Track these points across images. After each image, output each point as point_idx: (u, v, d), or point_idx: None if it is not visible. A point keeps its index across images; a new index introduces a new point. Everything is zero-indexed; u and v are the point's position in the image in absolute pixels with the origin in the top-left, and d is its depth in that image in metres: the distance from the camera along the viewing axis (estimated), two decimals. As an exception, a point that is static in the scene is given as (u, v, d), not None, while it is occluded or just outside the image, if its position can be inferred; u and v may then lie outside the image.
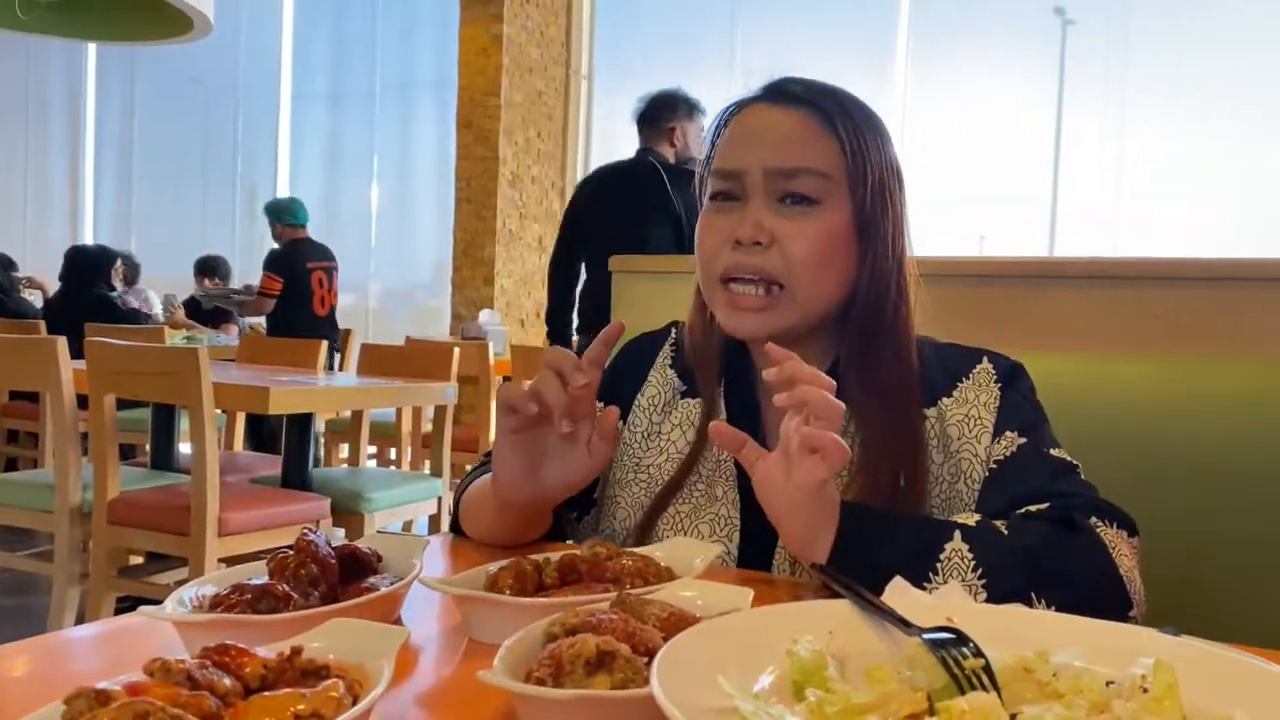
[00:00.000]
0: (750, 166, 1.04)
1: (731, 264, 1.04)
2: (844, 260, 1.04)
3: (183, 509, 2.84)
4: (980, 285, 1.56)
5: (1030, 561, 0.87)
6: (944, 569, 0.86)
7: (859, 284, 1.05)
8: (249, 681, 0.54)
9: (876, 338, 1.05)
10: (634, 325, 1.74)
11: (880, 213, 1.05)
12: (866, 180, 1.04)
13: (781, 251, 1.02)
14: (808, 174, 1.03)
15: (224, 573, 0.78)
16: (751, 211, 1.03)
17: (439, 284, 7.57)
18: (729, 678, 0.53)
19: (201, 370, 2.77)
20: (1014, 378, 1.07)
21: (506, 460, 1.00)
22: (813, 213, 1.03)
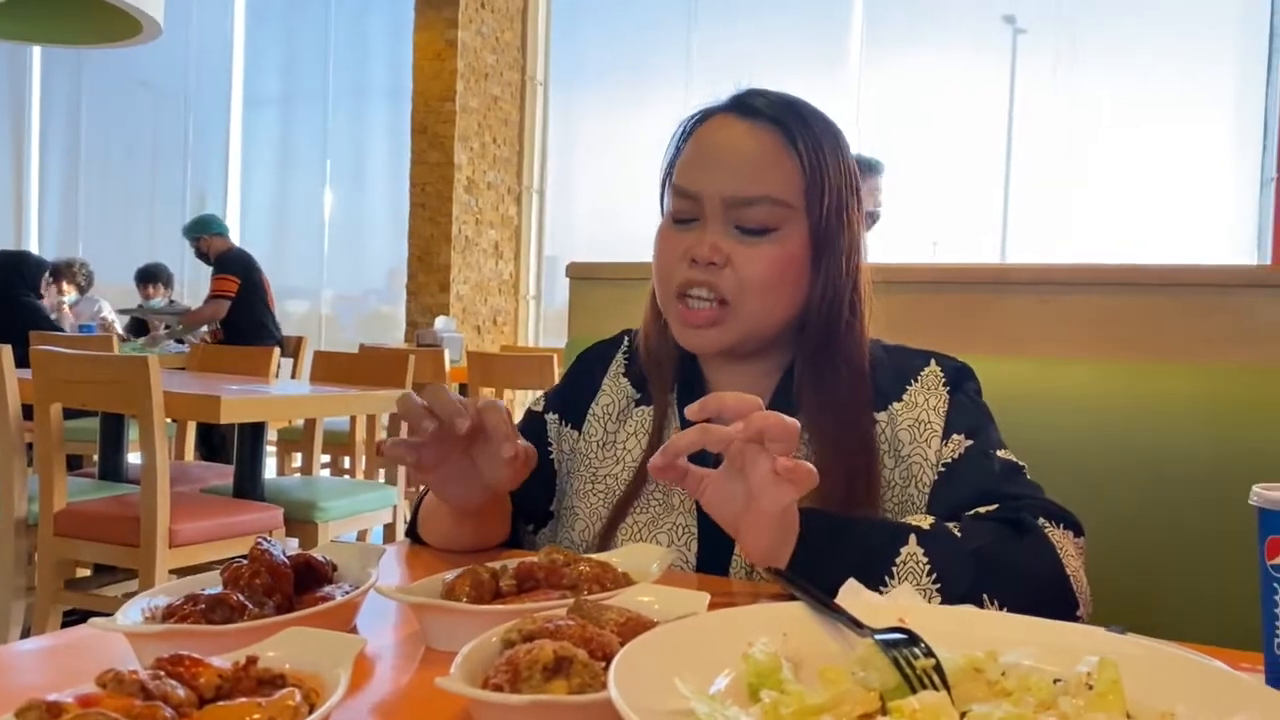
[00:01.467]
0: (708, 192, 1.05)
1: (687, 279, 1.05)
2: (796, 282, 1.06)
3: (132, 520, 2.79)
4: (932, 291, 1.59)
5: (981, 563, 0.89)
6: (900, 572, 0.88)
7: (812, 300, 1.07)
8: (204, 692, 0.54)
9: (829, 350, 1.07)
10: (591, 331, 1.75)
11: (837, 231, 1.06)
12: (824, 201, 1.05)
13: (735, 272, 1.04)
14: (765, 203, 1.04)
15: (177, 583, 0.78)
16: (708, 234, 1.05)
17: (393, 291, 7.52)
18: (685, 681, 0.53)
19: (152, 379, 2.73)
20: (961, 379, 1.09)
21: (440, 489, 0.99)
22: (768, 240, 1.04)
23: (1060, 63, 5.79)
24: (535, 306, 7.06)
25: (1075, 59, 5.73)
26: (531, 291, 7.02)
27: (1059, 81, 5.80)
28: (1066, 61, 5.77)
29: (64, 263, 7.22)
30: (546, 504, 1.17)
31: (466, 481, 0.97)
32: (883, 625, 0.64)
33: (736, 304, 1.04)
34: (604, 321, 1.73)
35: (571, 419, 1.19)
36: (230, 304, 5.70)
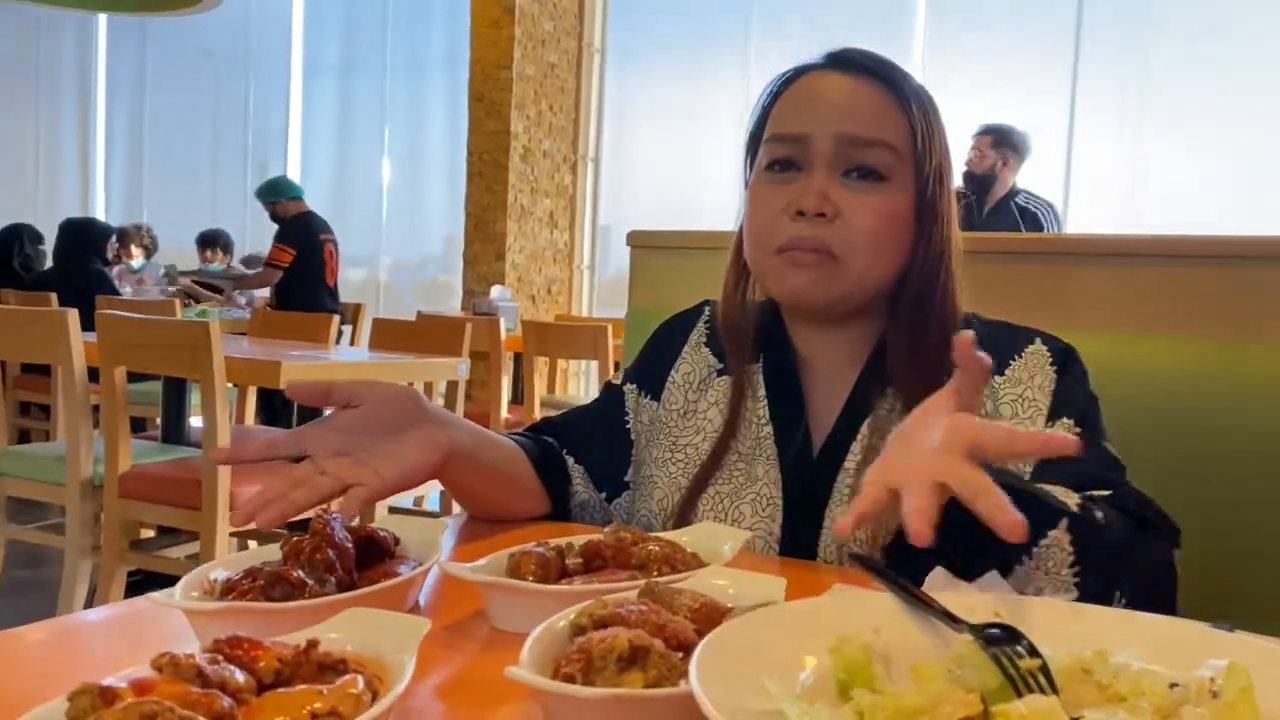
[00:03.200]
0: (818, 132, 0.99)
1: (791, 236, 0.99)
2: (901, 240, 1.01)
3: (194, 483, 2.83)
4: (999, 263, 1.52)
5: (1120, 560, 0.82)
6: (1039, 557, 0.81)
7: (912, 265, 1.02)
8: (263, 677, 0.51)
9: (925, 318, 1.02)
10: (651, 301, 1.71)
11: (939, 193, 1.02)
12: (930, 160, 1.01)
13: (844, 225, 0.98)
14: (880, 147, 0.99)
15: (237, 556, 0.76)
16: (815, 181, 0.99)
17: (450, 259, 7.54)
18: (771, 677, 0.49)
19: (213, 344, 2.74)
20: (1069, 362, 1.03)
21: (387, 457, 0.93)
22: (879, 189, 0.99)
23: (1128, 33, 5.60)
24: (589, 276, 7.03)
25: (1144, 33, 5.54)
26: (586, 261, 6.98)
27: (1125, 53, 5.61)
28: (1135, 32, 5.57)
29: (131, 227, 7.34)
30: (622, 474, 1.15)
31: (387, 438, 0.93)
32: (978, 620, 0.59)
33: (845, 259, 0.99)
34: (665, 291, 1.69)
35: (650, 389, 1.17)
36: (282, 274, 5.74)
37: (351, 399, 0.92)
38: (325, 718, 0.48)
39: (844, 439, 1.03)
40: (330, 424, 0.92)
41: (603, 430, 1.17)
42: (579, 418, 1.20)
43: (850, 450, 1.02)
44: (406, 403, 0.95)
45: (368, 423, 0.92)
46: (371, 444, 0.91)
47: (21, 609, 3.29)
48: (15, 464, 3.15)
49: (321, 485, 0.85)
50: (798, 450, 1.05)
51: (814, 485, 1.03)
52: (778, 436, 1.06)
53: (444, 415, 0.98)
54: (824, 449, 1.04)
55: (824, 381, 1.08)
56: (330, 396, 0.93)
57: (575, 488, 1.13)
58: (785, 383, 1.08)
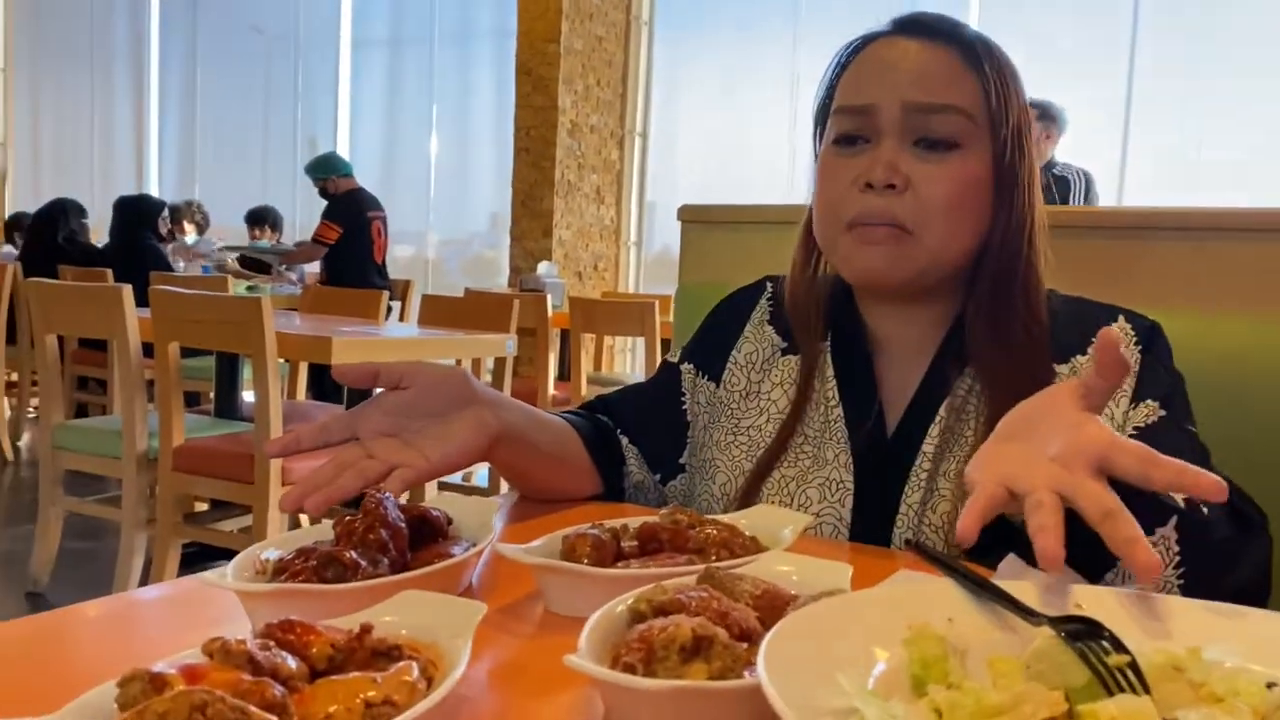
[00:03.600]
0: (885, 101, 0.96)
1: (861, 209, 0.96)
2: (979, 210, 0.97)
3: (246, 457, 2.86)
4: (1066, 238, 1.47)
5: (1221, 560, 0.78)
6: None
7: (992, 235, 0.98)
8: (315, 663, 0.50)
9: (1007, 292, 0.97)
10: (702, 277, 1.68)
11: (1018, 160, 0.97)
12: (1008, 123, 0.96)
13: (916, 196, 0.94)
14: (951, 112, 0.95)
15: (290, 535, 0.75)
16: (884, 152, 0.95)
17: (496, 235, 7.55)
18: (844, 671, 0.47)
19: (265, 319, 2.76)
20: (1153, 339, 0.98)
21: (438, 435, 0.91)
22: (952, 156, 0.95)
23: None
24: (636, 253, 7.00)
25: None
26: (632, 238, 6.95)
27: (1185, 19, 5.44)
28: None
29: (182, 204, 7.43)
30: (677, 456, 1.12)
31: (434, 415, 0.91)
32: (1055, 612, 0.56)
33: (918, 232, 0.95)
34: (716, 267, 1.66)
35: (709, 370, 1.13)
36: (328, 250, 5.77)
37: (400, 380, 0.91)
38: (380, 707, 0.47)
39: (920, 421, 0.99)
40: (379, 405, 0.91)
41: (658, 411, 1.14)
42: (633, 397, 1.17)
43: (928, 433, 0.98)
44: (455, 384, 0.93)
45: (417, 405, 0.91)
46: (420, 426, 0.90)
47: (80, 580, 3.36)
48: (72, 438, 3.21)
49: (368, 469, 0.84)
50: (870, 433, 1.01)
51: (887, 470, 0.99)
52: (848, 418, 1.02)
53: (493, 396, 0.96)
54: (898, 431, 1.01)
55: (898, 361, 1.04)
56: (378, 378, 0.91)
57: (630, 468, 1.11)
58: (856, 363, 1.05)
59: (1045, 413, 0.71)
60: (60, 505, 3.25)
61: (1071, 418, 0.69)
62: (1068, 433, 0.67)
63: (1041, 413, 0.72)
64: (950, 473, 0.96)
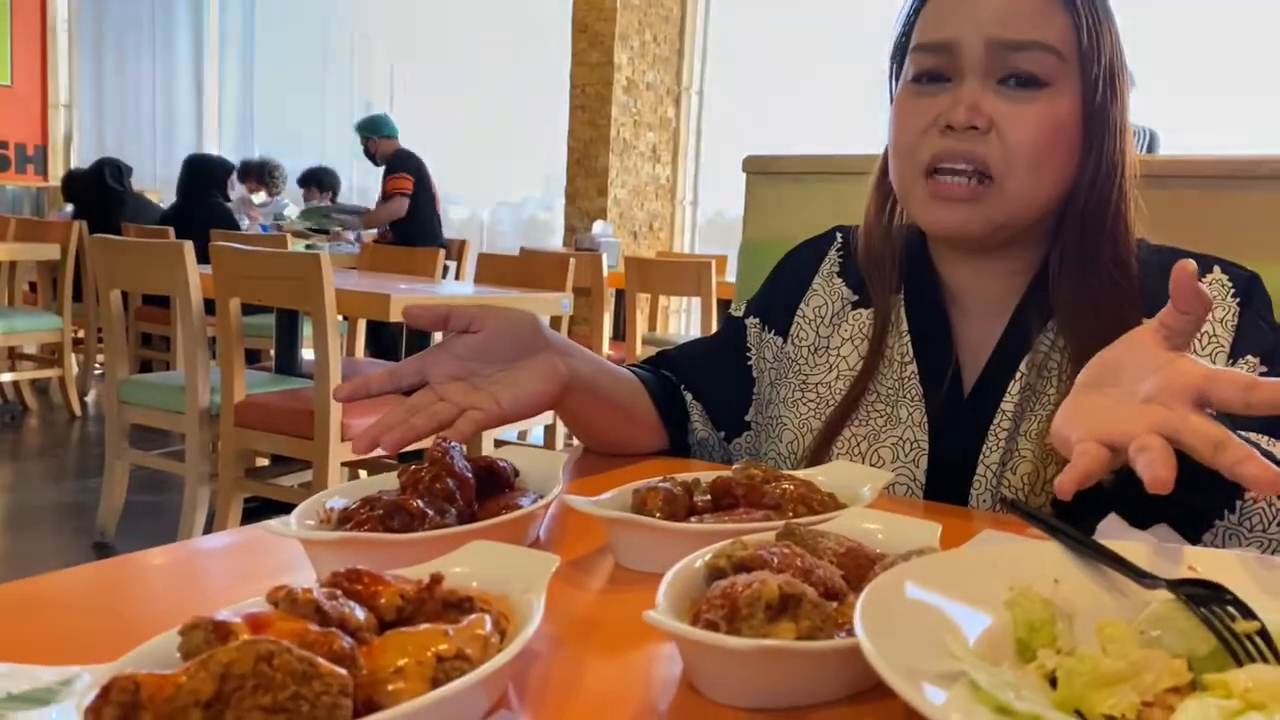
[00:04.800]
0: (968, 37, 0.90)
1: (940, 151, 0.90)
2: (1067, 154, 0.91)
3: (306, 413, 2.88)
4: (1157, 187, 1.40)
5: None
6: (1244, 511, 0.73)
7: (1080, 182, 0.92)
8: (384, 614, 0.48)
9: (1094, 242, 0.92)
10: (767, 231, 1.63)
11: (1110, 100, 0.91)
12: (1100, 61, 0.90)
13: (1001, 138, 0.89)
14: (1038, 49, 0.88)
15: (352, 484, 0.73)
16: (966, 92, 0.90)
17: (549, 197, 7.51)
18: (945, 634, 0.44)
19: (324, 276, 2.77)
20: (1252, 293, 0.92)
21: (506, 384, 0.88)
22: (1040, 96, 0.89)
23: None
24: (691, 213, 6.92)
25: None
26: (689, 197, 6.87)
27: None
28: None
29: (255, 163, 7.46)
30: (742, 413, 1.09)
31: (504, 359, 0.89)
32: (1169, 575, 0.52)
33: (1001, 178, 0.89)
34: (781, 220, 1.61)
35: (775, 324, 1.09)
36: (409, 202, 5.78)
37: (471, 324, 0.89)
38: (451, 660, 0.44)
39: (1000, 379, 0.95)
40: (449, 349, 0.88)
41: (722, 366, 1.10)
42: (698, 352, 1.13)
43: (1007, 391, 0.94)
44: (526, 330, 0.90)
45: (487, 349, 0.88)
46: (490, 371, 0.88)
47: (145, 532, 3.43)
48: (137, 393, 3.25)
49: (440, 412, 0.83)
50: (946, 391, 0.97)
51: (965, 429, 0.95)
52: (923, 375, 0.98)
53: (564, 343, 0.94)
54: (976, 389, 0.96)
55: (975, 315, 0.99)
56: (449, 321, 0.89)
57: (694, 424, 1.08)
58: (931, 317, 1.00)
59: (1130, 357, 0.67)
60: (125, 459, 3.31)
61: (1159, 357, 0.64)
62: (1159, 372, 0.62)
63: (1126, 358, 0.67)
64: (1031, 432, 0.92)
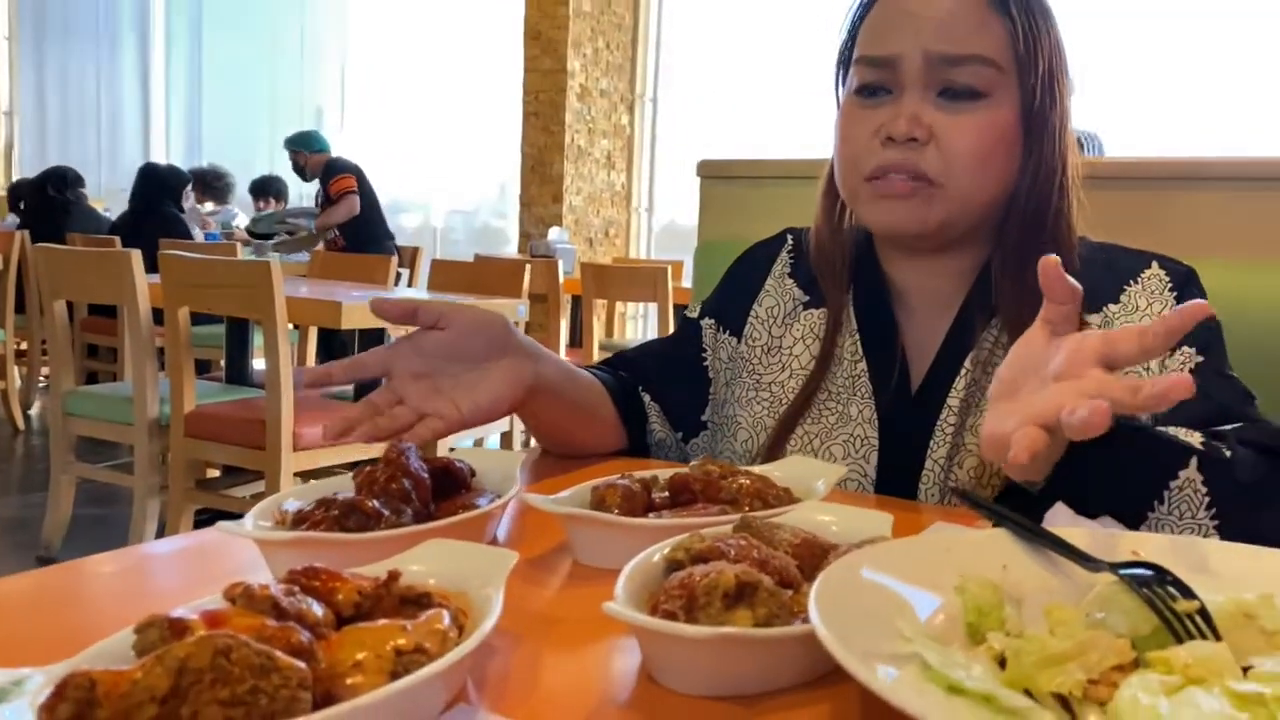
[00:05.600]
0: (907, 51, 0.92)
1: (882, 162, 0.92)
2: (1006, 159, 0.93)
3: (258, 423, 2.84)
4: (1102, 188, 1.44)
5: (1258, 502, 0.75)
6: (1172, 500, 0.74)
7: (1020, 184, 0.95)
8: (341, 610, 0.48)
9: (1035, 242, 0.93)
10: (722, 234, 1.64)
11: (1049, 105, 0.93)
12: (1037, 69, 0.92)
13: (940, 149, 0.91)
14: (976, 63, 0.91)
15: (307, 486, 0.72)
16: (907, 104, 0.92)
17: (502, 204, 7.49)
18: (900, 617, 0.45)
19: (274, 284, 2.74)
20: (1188, 286, 0.95)
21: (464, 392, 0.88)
22: (979, 107, 0.91)
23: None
24: (647, 219, 6.94)
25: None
26: (644, 204, 6.89)
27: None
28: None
29: (201, 172, 7.36)
30: (698, 413, 1.10)
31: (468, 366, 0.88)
32: (1113, 559, 0.54)
33: (944, 184, 0.91)
34: (736, 223, 1.62)
35: (730, 324, 1.11)
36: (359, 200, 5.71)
37: (439, 320, 0.88)
38: (410, 654, 0.44)
39: (945, 375, 0.97)
40: (416, 345, 0.88)
41: (678, 367, 1.11)
42: (655, 353, 1.14)
43: (953, 387, 0.96)
44: (495, 330, 0.90)
45: (454, 348, 0.88)
46: (455, 371, 0.87)
47: (92, 546, 3.36)
48: (84, 404, 3.19)
49: (399, 415, 0.83)
50: (895, 388, 0.99)
51: (913, 425, 0.97)
52: (873, 373, 1.00)
53: (531, 346, 0.94)
54: (923, 386, 0.98)
55: (921, 314, 1.01)
56: (416, 316, 0.88)
57: (652, 425, 1.09)
58: (879, 316, 1.02)
59: (1030, 358, 0.69)
60: (72, 472, 3.24)
61: (1054, 344, 0.67)
62: (1060, 352, 0.65)
63: (1025, 361, 0.69)
64: (976, 427, 0.93)
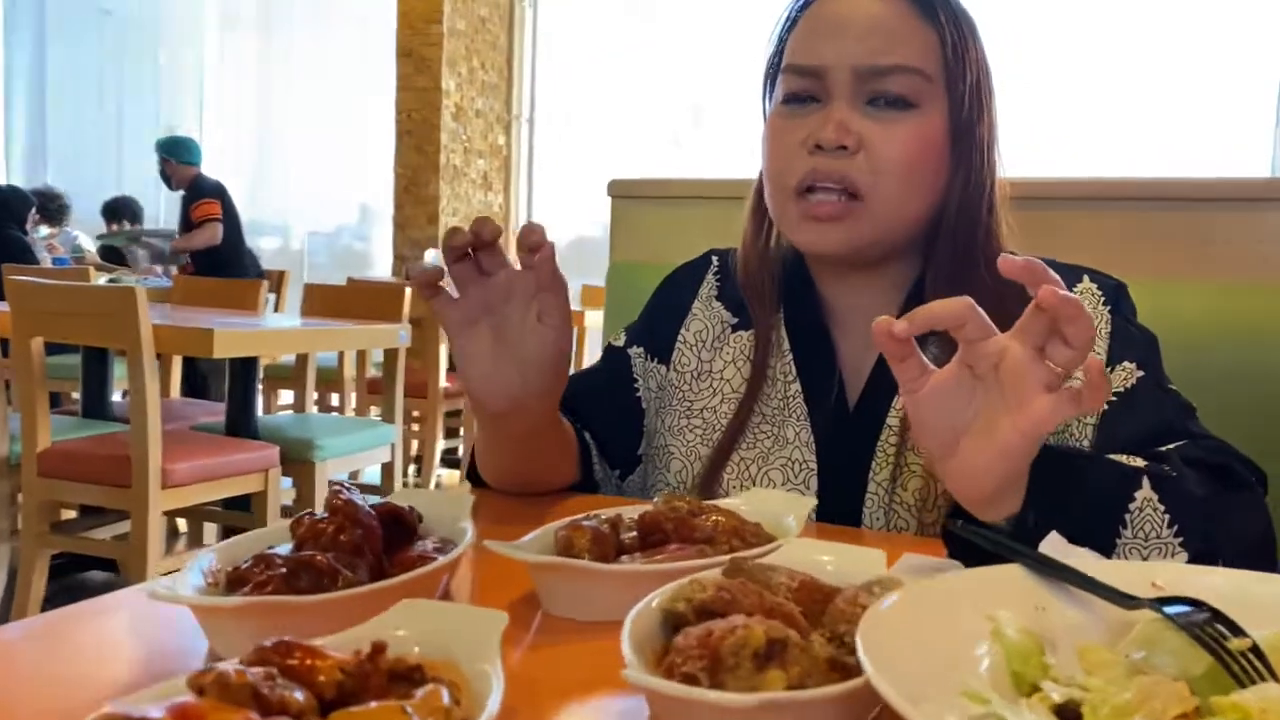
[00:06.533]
0: (834, 63, 0.90)
1: (809, 171, 0.90)
2: (935, 171, 0.92)
3: (122, 459, 2.65)
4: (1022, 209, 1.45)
5: (1210, 517, 0.74)
6: (1134, 524, 0.72)
7: (949, 197, 0.93)
8: (323, 692, 0.41)
9: (968, 257, 0.92)
10: (633, 255, 1.60)
11: (976, 117, 0.92)
12: (965, 79, 0.91)
13: (869, 157, 0.89)
14: (903, 73, 0.89)
15: (230, 543, 0.64)
16: (834, 111, 0.90)
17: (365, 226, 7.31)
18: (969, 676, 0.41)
19: (139, 311, 2.57)
20: (1120, 299, 0.95)
21: (468, 358, 0.81)
22: (907, 117, 0.90)
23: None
24: (524, 240, 6.84)
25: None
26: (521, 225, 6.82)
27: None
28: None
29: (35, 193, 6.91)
30: (634, 448, 1.04)
31: (496, 355, 0.80)
32: (1136, 592, 0.51)
33: (870, 195, 0.89)
34: (649, 244, 1.59)
35: (658, 352, 1.06)
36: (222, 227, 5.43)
37: (548, 311, 0.80)
38: (414, 744, 0.38)
39: (883, 393, 0.94)
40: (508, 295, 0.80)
41: (612, 401, 1.05)
42: (587, 388, 1.06)
43: (892, 406, 0.94)
44: (561, 354, 0.83)
45: (526, 326, 0.80)
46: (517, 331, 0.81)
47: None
48: (-78, 443, 2.93)
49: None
50: (832, 408, 0.96)
51: (852, 446, 0.94)
52: (808, 394, 0.97)
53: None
54: (860, 405, 0.96)
55: (855, 331, 0.99)
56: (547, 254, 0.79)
57: (594, 462, 1.02)
58: (813, 334, 0.99)
59: (952, 411, 0.66)
60: (-91, 517, 2.97)
61: (976, 383, 0.65)
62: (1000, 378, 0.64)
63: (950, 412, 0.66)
64: (917, 448, 0.91)
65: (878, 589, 0.54)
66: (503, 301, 0.80)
